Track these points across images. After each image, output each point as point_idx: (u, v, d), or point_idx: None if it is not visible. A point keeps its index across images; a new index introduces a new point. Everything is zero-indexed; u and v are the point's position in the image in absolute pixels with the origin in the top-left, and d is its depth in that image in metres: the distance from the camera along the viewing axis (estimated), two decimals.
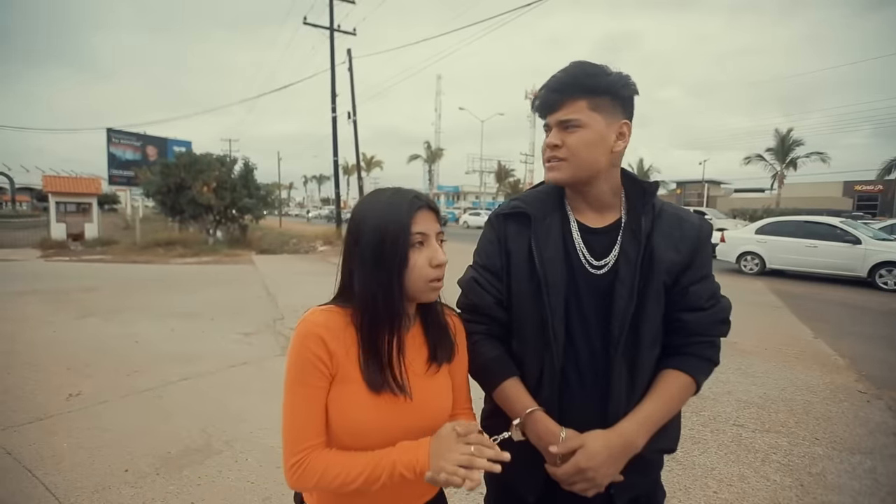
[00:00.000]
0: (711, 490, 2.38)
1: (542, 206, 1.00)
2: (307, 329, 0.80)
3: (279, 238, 17.12)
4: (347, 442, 0.82)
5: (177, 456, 2.61)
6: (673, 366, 0.96)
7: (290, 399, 0.79)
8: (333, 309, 0.85)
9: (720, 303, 0.99)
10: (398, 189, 0.86)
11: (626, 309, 0.91)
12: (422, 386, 0.86)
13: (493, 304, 1.00)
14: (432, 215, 0.84)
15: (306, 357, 0.79)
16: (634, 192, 0.99)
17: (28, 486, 2.31)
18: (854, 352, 4.80)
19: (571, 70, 0.91)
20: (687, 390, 0.95)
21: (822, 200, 33.27)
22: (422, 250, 0.82)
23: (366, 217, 0.82)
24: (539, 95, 0.96)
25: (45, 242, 13.67)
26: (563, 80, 0.91)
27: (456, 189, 61.16)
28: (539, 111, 0.96)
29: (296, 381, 0.79)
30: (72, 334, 4.94)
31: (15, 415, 3.06)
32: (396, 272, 0.79)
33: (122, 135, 24.30)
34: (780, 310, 6.85)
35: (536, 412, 0.92)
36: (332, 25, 16.86)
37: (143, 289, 7.74)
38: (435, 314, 0.91)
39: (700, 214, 1.13)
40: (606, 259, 0.95)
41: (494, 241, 1.02)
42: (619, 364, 0.92)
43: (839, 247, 9.27)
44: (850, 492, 2.38)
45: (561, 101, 0.91)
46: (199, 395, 3.47)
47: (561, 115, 0.91)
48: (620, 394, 0.92)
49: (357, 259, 0.82)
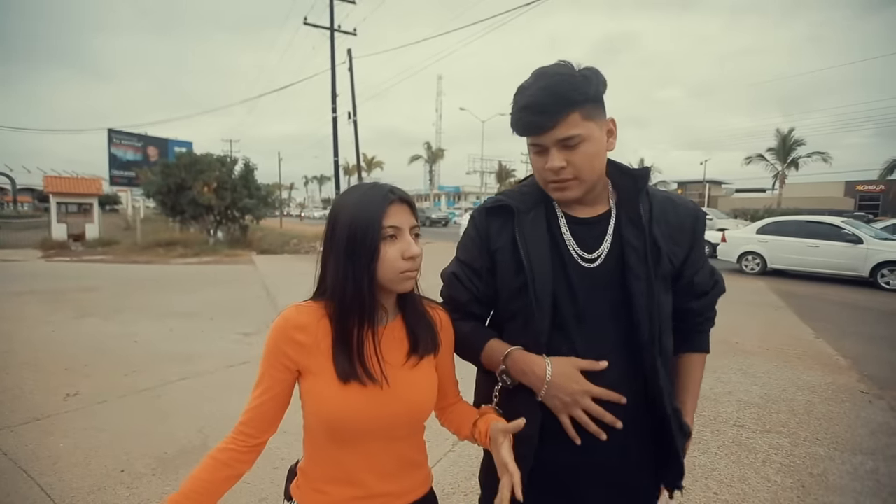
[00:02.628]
0: (712, 491, 2.36)
1: (526, 199, 0.98)
2: (277, 325, 0.85)
3: (280, 238, 17.12)
4: (322, 433, 0.84)
5: (173, 456, 2.60)
6: (689, 349, 1.05)
7: (256, 383, 0.87)
8: (310, 304, 0.87)
9: (718, 282, 1.05)
10: (375, 183, 0.87)
11: (648, 304, 0.89)
12: (400, 377, 0.86)
13: (470, 300, 1.01)
14: (406, 209, 0.85)
15: (272, 350, 0.84)
16: (623, 181, 0.97)
17: (23, 486, 2.29)
18: (856, 352, 4.77)
19: (552, 87, 0.84)
20: (704, 363, 1.07)
21: (823, 200, 33.17)
22: (394, 243, 0.82)
23: (341, 211, 0.84)
24: (519, 117, 0.87)
25: (46, 243, 13.70)
26: (550, 99, 0.83)
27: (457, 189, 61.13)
28: (525, 133, 0.88)
29: (262, 369, 0.86)
30: (71, 334, 4.93)
31: (12, 415, 3.05)
32: (367, 264, 0.81)
33: (123, 135, 24.36)
34: (782, 310, 6.82)
35: (514, 351, 0.92)
36: (332, 25, 16.85)
37: (143, 289, 7.74)
38: (415, 307, 0.92)
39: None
40: (598, 251, 0.93)
41: (476, 237, 1.00)
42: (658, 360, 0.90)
43: (841, 246, 9.23)
44: (852, 493, 2.36)
45: (553, 121, 0.84)
46: (197, 395, 3.46)
47: (558, 134, 0.85)
48: (667, 384, 0.92)
49: (332, 252, 0.84)
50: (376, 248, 0.80)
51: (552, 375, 0.87)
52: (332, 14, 16.79)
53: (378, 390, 0.82)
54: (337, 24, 16.96)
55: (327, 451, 0.86)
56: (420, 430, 0.94)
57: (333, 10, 16.76)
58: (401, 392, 0.85)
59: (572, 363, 0.88)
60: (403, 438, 0.89)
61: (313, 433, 0.87)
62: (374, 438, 0.85)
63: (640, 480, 0.96)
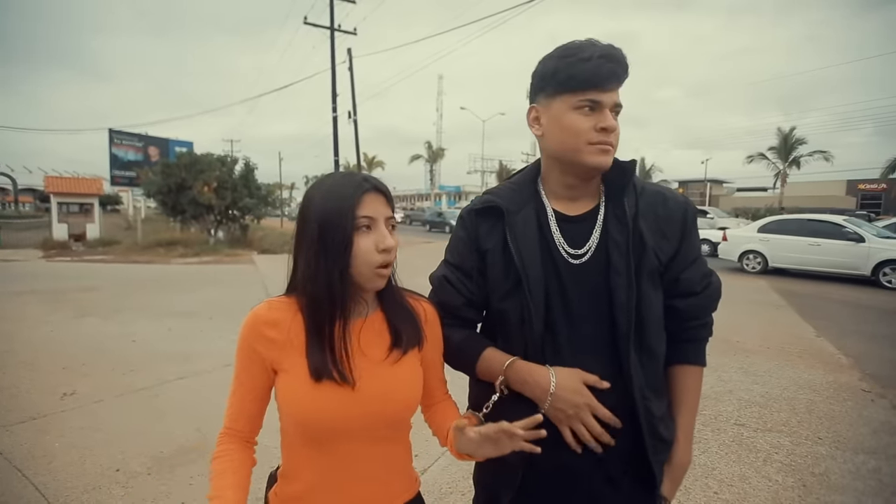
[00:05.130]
0: (712, 490, 2.33)
1: (516, 197, 0.95)
2: (249, 320, 0.82)
3: (280, 238, 17.09)
4: (294, 431, 0.81)
5: (169, 455, 2.58)
6: (682, 360, 0.97)
7: (232, 383, 0.85)
8: (283, 299, 0.84)
9: (712, 283, 0.97)
10: (348, 172, 0.84)
11: (628, 300, 0.86)
12: (380, 374, 0.82)
13: (462, 304, 0.97)
14: (382, 199, 0.81)
15: (244, 348, 0.82)
16: (612, 174, 0.94)
17: (18, 486, 2.28)
18: (858, 350, 4.74)
19: (617, 52, 0.84)
20: (701, 380, 1.00)
21: (825, 199, 33.10)
22: (368, 234, 0.78)
23: (312, 200, 0.80)
24: (599, 64, 0.82)
25: (47, 243, 13.70)
26: (622, 58, 0.84)
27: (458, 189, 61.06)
28: (602, 82, 0.82)
29: (237, 365, 0.84)
30: (69, 334, 4.92)
31: (8, 414, 3.04)
32: (340, 257, 0.77)
33: (124, 135, 24.37)
34: (783, 308, 6.78)
35: (516, 361, 0.89)
36: (332, 25, 16.84)
37: (143, 289, 7.73)
38: (394, 299, 0.88)
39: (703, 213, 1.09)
40: (585, 247, 0.91)
41: (466, 239, 0.97)
42: (633, 356, 0.87)
43: (843, 245, 9.19)
44: (854, 492, 2.33)
45: (623, 77, 0.85)
46: (194, 394, 3.44)
47: (616, 97, 0.85)
48: (642, 386, 0.88)
49: (303, 243, 0.80)
50: (350, 240, 0.76)
51: (556, 388, 0.84)
52: (332, 13, 16.78)
53: (350, 388, 0.78)
54: (337, 23, 16.95)
55: (305, 455, 0.81)
56: (406, 429, 0.89)
57: (333, 10, 16.76)
58: (380, 389, 0.81)
59: (578, 375, 0.85)
60: (387, 440, 0.84)
61: (289, 436, 0.83)
62: (354, 440, 0.80)
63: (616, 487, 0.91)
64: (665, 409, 0.93)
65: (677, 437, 0.95)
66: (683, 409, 0.96)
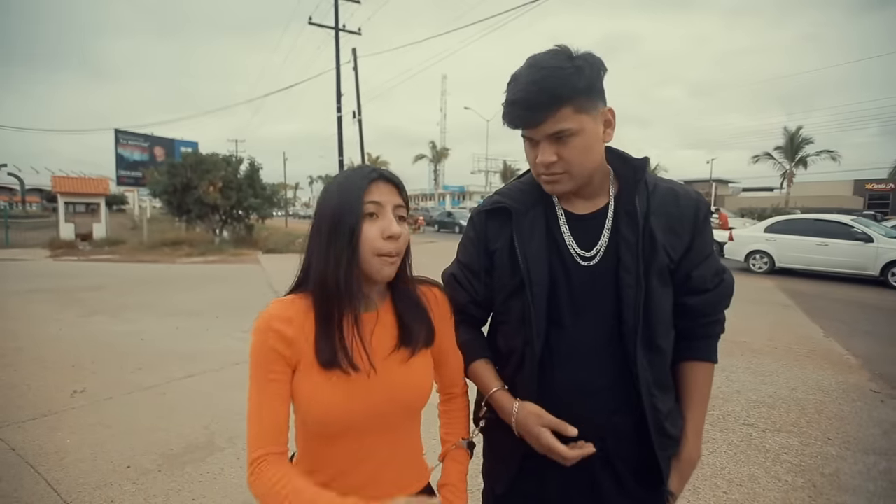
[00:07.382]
0: (721, 490, 2.33)
1: (525, 198, 0.95)
2: (261, 322, 0.78)
3: (285, 237, 17.15)
4: (314, 429, 0.80)
5: (179, 453, 2.60)
6: (692, 356, 0.97)
7: (251, 394, 0.77)
8: (292, 297, 0.83)
9: (724, 280, 0.97)
10: (360, 166, 0.85)
11: (636, 298, 0.86)
12: (389, 367, 0.82)
13: (468, 302, 1.00)
14: (390, 187, 0.81)
15: (262, 351, 0.77)
16: (625, 171, 0.94)
17: (31, 481, 2.30)
18: (867, 351, 4.71)
19: (542, 81, 0.79)
20: (711, 376, 1.00)
21: (832, 199, 32.88)
22: (374, 221, 0.78)
23: (325, 195, 0.82)
24: (509, 111, 0.84)
25: (54, 242, 13.83)
26: (539, 96, 0.80)
27: (461, 189, 61.05)
28: (513, 127, 0.86)
29: (255, 376, 0.77)
30: (78, 332, 4.96)
31: (20, 411, 3.07)
32: (348, 245, 0.76)
33: (129, 136, 24.54)
34: (791, 309, 6.74)
35: (496, 392, 0.94)
36: (336, 25, 16.88)
37: (149, 288, 7.78)
38: (405, 291, 0.87)
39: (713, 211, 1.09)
40: (596, 247, 0.91)
41: (475, 239, 0.99)
42: (640, 353, 0.87)
43: (851, 245, 9.12)
44: (865, 493, 2.32)
45: (542, 117, 0.81)
46: (202, 392, 3.46)
47: (548, 129, 0.82)
48: (649, 384, 0.88)
49: (317, 236, 0.80)
50: (357, 227, 0.76)
51: (517, 424, 0.89)
52: (337, 13, 16.82)
53: (364, 380, 0.78)
54: (341, 23, 16.98)
55: (319, 447, 0.82)
56: (417, 419, 0.90)
57: (338, 10, 16.80)
58: (389, 381, 0.81)
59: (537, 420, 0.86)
60: (399, 429, 0.85)
61: (303, 428, 0.83)
62: (367, 432, 0.81)
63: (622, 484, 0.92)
64: (672, 405, 0.94)
65: (686, 433, 0.95)
66: (693, 404, 0.97)
